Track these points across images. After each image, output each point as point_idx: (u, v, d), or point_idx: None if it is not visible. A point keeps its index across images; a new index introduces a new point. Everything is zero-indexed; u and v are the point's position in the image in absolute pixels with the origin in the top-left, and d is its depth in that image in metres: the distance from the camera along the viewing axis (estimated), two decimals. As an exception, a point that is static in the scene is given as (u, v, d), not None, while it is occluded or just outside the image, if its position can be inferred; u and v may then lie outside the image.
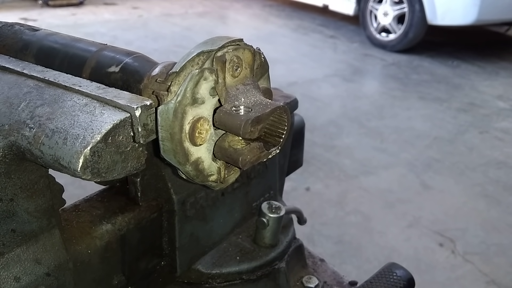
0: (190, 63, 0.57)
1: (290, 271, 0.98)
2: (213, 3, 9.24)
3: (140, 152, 0.56)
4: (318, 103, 4.67)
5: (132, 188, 0.77)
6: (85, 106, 0.54)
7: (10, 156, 0.54)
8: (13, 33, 0.73)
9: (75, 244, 0.68)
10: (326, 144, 3.89)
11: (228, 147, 0.60)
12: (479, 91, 5.32)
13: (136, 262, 0.78)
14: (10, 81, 0.60)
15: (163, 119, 0.55)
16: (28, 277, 0.60)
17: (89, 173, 0.50)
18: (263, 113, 0.57)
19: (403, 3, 6.39)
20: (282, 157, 1.10)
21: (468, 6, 5.77)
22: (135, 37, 6.59)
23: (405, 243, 2.78)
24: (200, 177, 0.61)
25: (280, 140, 0.63)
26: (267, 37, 6.93)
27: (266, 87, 0.67)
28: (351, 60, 6.16)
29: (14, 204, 0.57)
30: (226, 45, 0.58)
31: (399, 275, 0.96)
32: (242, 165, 0.59)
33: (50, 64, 0.67)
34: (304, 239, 1.08)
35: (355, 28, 7.58)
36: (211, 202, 0.85)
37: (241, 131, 0.55)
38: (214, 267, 0.87)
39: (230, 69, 0.59)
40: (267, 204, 0.93)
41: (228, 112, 0.57)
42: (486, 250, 2.77)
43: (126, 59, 0.65)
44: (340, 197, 3.20)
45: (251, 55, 0.62)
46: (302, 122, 1.17)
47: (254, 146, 0.61)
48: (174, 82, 0.57)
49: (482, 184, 3.41)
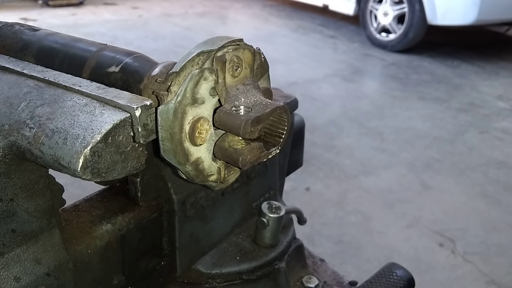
0: (190, 63, 0.57)
1: (290, 271, 0.98)
2: (213, 3, 9.24)
3: (140, 152, 0.56)
4: (318, 103, 4.67)
5: (132, 188, 0.76)
6: (85, 106, 0.54)
7: (10, 156, 0.54)
8: (13, 33, 0.73)
9: (75, 244, 0.68)
10: (326, 144, 3.89)
11: (228, 147, 0.60)
12: (479, 91, 5.32)
13: (136, 262, 0.78)
14: (10, 81, 0.60)
15: (163, 119, 0.55)
16: (28, 277, 0.60)
17: (89, 173, 0.50)
18: (263, 113, 0.57)
19: (403, 3, 6.39)
20: (282, 157, 1.10)
21: (468, 6, 5.77)
22: (135, 37, 6.59)
23: (405, 243, 2.78)
24: (200, 177, 0.61)
25: (280, 140, 0.63)
26: (267, 37, 6.92)
27: (266, 87, 0.67)
28: (351, 60, 6.16)
29: (14, 204, 0.57)
30: (226, 45, 0.58)
31: (399, 275, 0.96)
32: (242, 165, 0.59)
33: (50, 64, 0.67)
34: (304, 239, 1.08)
35: (355, 28, 7.58)
36: (211, 202, 0.85)
37: (241, 131, 0.55)
38: (214, 267, 0.87)
39: (230, 69, 0.59)
40: (267, 204, 0.93)
41: (228, 112, 0.57)
42: (486, 250, 2.77)
43: (126, 59, 0.65)
44: (340, 197, 3.20)
45: (251, 55, 0.62)
46: (302, 122, 1.17)
47: (254, 146, 0.61)
48: (174, 82, 0.57)
49: (482, 184, 3.41)
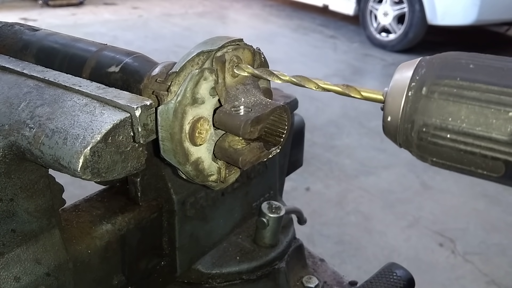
0: (190, 63, 0.57)
1: (290, 271, 0.98)
2: (213, 3, 9.24)
3: (140, 152, 0.56)
4: (318, 103, 4.67)
5: (132, 188, 0.76)
6: (85, 106, 0.54)
7: (10, 156, 0.54)
8: (13, 33, 0.73)
9: (75, 244, 0.68)
10: (326, 144, 3.89)
11: (228, 147, 0.60)
12: (479, 91, 5.31)
13: (136, 262, 0.78)
14: (10, 81, 0.60)
15: (163, 119, 0.55)
16: (28, 277, 0.60)
17: (89, 173, 0.50)
18: (263, 113, 0.57)
19: (403, 3, 6.39)
20: (282, 157, 1.10)
21: (468, 6, 5.77)
22: (135, 37, 6.59)
23: (405, 243, 2.78)
24: (200, 177, 0.61)
25: (280, 139, 0.63)
26: (267, 37, 6.92)
27: (266, 87, 0.67)
28: (351, 60, 6.16)
29: (14, 204, 0.57)
30: (225, 45, 0.58)
31: (399, 275, 0.96)
32: (242, 165, 0.58)
33: (50, 64, 0.67)
34: (304, 239, 1.08)
35: (355, 28, 7.58)
36: (211, 202, 0.85)
37: (241, 132, 0.55)
38: (214, 267, 0.87)
39: (230, 69, 0.59)
40: (267, 204, 0.93)
41: (228, 113, 0.57)
42: (486, 250, 2.77)
43: (126, 59, 0.65)
44: (340, 197, 3.20)
45: (251, 55, 0.61)
46: (302, 122, 1.17)
47: (254, 146, 0.61)
48: (174, 82, 0.57)
49: (482, 184, 3.41)
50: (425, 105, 0.44)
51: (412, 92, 0.45)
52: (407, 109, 0.46)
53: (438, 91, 0.44)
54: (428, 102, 0.44)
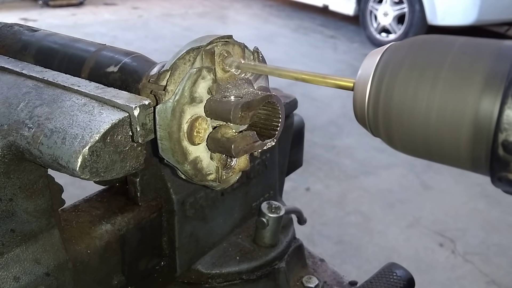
0: (181, 61, 0.57)
1: (290, 271, 0.98)
2: (213, 3, 9.24)
3: (138, 152, 0.56)
4: (318, 103, 4.67)
5: (131, 188, 0.77)
6: (83, 106, 0.54)
7: (9, 156, 0.54)
8: (13, 33, 0.73)
9: (75, 244, 0.68)
10: (326, 144, 3.89)
11: (220, 137, 0.59)
12: (479, 91, 5.31)
13: (136, 262, 0.78)
14: (9, 81, 0.60)
15: (161, 118, 0.55)
16: (28, 277, 0.60)
17: (88, 172, 0.50)
18: (254, 99, 0.57)
19: (403, 3, 6.39)
20: (282, 157, 1.10)
21: (468, 6, 5.77)
22: (135, 37, 6.59)
23: (405, 243, 2.78)
24: (198, 176, 0.61)
25: (275, 132, 0.63)
26: (267, 37, 6.93)
27: (264, 87, 0.67)
28: (351, 60, 6.16)
29: (14, 204, 0.57)
30: (214, 41, 0.58)
31: (399, 275, 0.96)
32: (235, 153, 0.57)
33: (49, 64, 0.67)
34: (304, 239, 1.08)
35: (355, 28, 7.58)
36: (211, 202, 0.85)
37: (232, 116, 0.55)
38: (214, 267, 0.87)
39: (220, 63, 0.59)
40: (267, 204, 0.93)
41: (218, 100, 0.57)
42: (486, 250, 2.77)
43: (124, 59, 0.65)
44: (340, 197, 3.20)
45: (241, 50, 0.61)
46: (302, 122, 1.17)
47: (247, 134, 0.60)
48: (171, 81, 0.57)
49: (482, 184, 3.41)
50: (387, 89, 0.44)
51: (376, 77, 0.46)
52: (371, 94, 0.46)
53: (400, 74, 0.44)
54: (390, 86, 0.44)
